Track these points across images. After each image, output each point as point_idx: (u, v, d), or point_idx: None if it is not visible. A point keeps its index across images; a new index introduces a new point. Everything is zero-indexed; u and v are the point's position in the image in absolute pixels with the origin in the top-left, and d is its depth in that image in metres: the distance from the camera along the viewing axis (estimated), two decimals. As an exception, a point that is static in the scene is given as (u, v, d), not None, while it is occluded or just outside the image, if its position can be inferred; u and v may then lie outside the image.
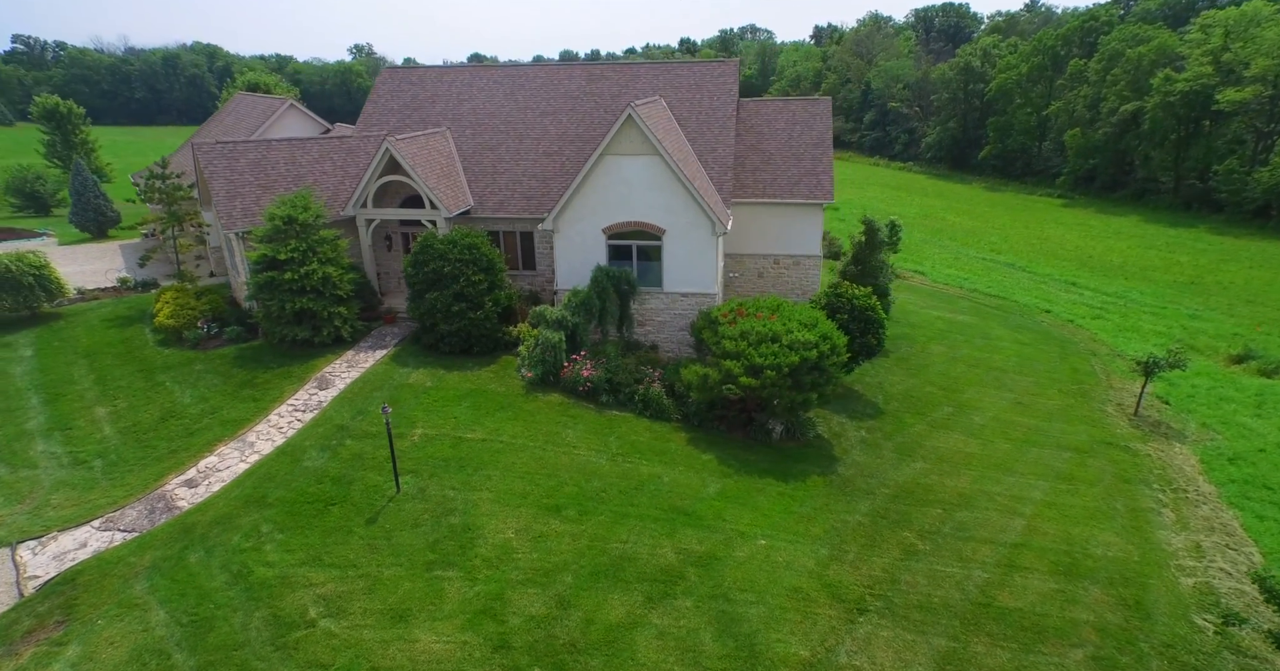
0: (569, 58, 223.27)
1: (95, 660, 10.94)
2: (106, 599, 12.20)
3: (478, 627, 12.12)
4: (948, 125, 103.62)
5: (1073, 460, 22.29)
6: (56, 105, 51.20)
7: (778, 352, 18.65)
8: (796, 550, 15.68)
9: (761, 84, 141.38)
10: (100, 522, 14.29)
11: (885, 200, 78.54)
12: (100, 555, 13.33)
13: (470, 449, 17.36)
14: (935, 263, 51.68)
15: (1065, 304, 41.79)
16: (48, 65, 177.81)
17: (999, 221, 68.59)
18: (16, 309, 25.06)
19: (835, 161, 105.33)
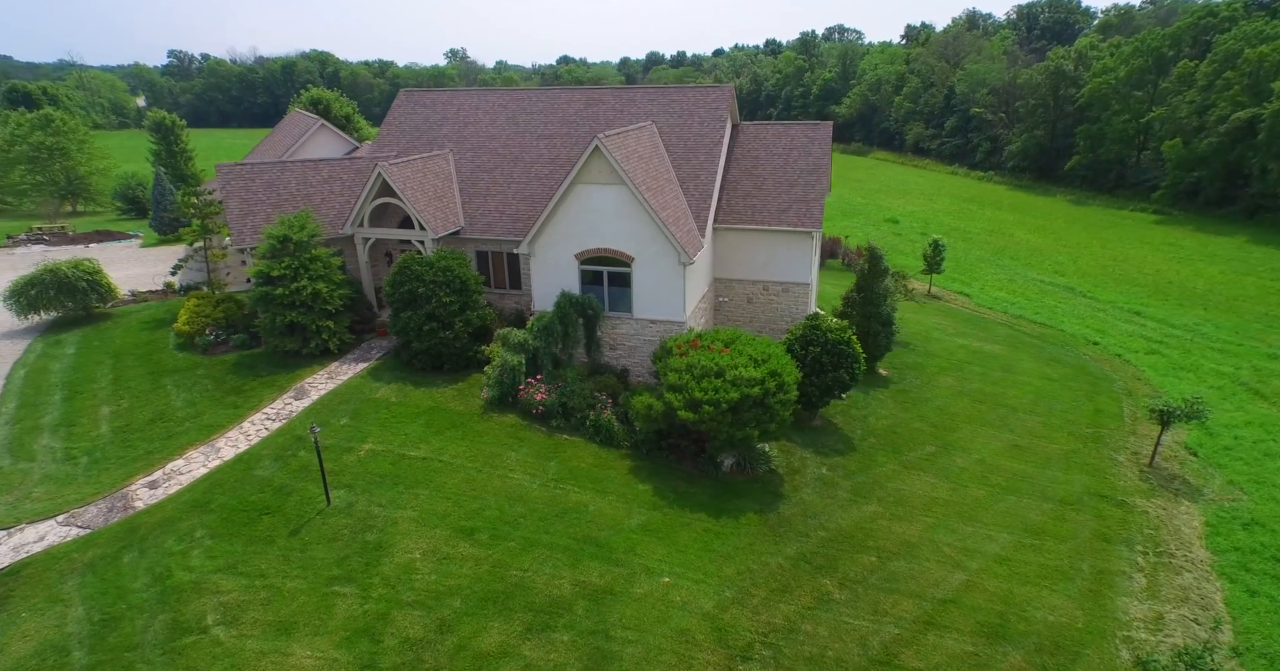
0: (655, 60, 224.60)
1: (4, 653, 12.45)
2: (39, 592, 13.84)
3: (352, 646, 12.98)
4: (1034, 133, 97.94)
5: (1052, 512, 21.15)
6: (163, 118, 56.47)
7: (719, 388, 18.67)
8: (699, 590, 15.76)
9: (841, 88, 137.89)
10: (64, 517, 16.12)
11: (952, 213, 75.34)
12: (50, 550, 15.07)
13: (409, 467, 18.34)
14: (986, 284, 49.37)
15: (1120, 335, 39.11)
16: (192, 75, 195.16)
17: (1074, 239, 64.51)
18: (73, 310, 28.13)
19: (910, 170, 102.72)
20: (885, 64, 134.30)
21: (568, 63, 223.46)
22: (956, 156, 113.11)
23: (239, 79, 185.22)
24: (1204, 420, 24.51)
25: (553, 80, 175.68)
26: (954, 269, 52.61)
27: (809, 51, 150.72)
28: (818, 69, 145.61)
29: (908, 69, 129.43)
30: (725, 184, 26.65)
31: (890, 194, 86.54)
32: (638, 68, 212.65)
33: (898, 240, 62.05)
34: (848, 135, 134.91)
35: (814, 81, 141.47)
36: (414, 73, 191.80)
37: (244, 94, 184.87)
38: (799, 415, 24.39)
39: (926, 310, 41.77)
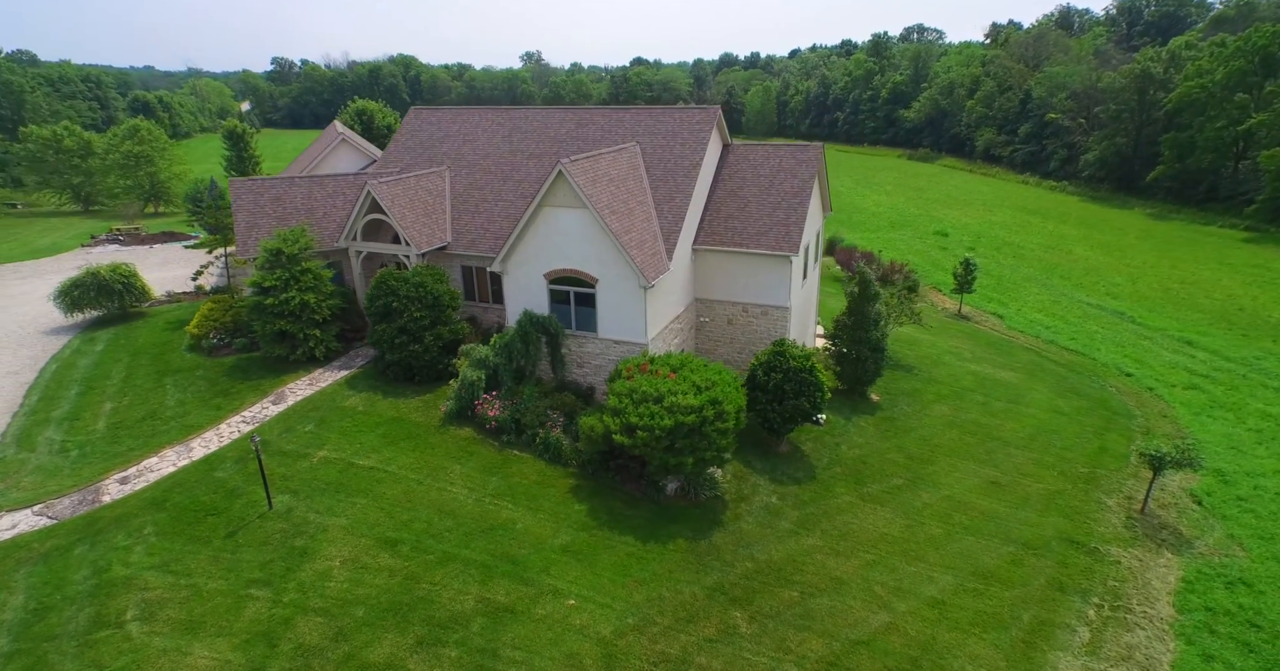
0: (729, 62, 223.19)
1: (-59, 637, 14.06)
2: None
3: (249, 649, 14.01)
4: (1114, 140, 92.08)
5: (1009, 556, 20.36)
6: (235, 126, 60.75)
7: (656, 414, 18.90)
8: (602, 614, 16.10)
9: (911, 91, 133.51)
10: (39, 508, 17.95)
11: (1010, 226, 72.04)
12: (16, 538, 16.85)
13: (355, 475, 19.41)
14: (1025, 304, 47.20)
15: (1160, 366, 36.79)
16: (290, 80, 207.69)
17: (1140, 258, 60.62)
18: (112, 309, 30.88)
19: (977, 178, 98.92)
20: (960, 66, 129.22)
21: (640, 64, 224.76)
22: (1029, 164, 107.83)
23: (330, 83, 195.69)
24: (1197, 469, 22.95)
25: (622, 83, 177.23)
26: (994, 287, 50.56)
27: (880, 53, 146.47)
28: (888, 72, 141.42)
29: (983, 71, 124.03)
30: (710, 205, 26.71)
31: (948, 204, 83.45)
32: (709, 69, 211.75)
33: (942, 255, 59.93)
34: (915, 141, 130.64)
35: (883, 85, 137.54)
36: (490, 75, 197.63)
37: (334, 97, 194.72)
38: (765, 440, 24.30)
39: (948, 331, 40.35)
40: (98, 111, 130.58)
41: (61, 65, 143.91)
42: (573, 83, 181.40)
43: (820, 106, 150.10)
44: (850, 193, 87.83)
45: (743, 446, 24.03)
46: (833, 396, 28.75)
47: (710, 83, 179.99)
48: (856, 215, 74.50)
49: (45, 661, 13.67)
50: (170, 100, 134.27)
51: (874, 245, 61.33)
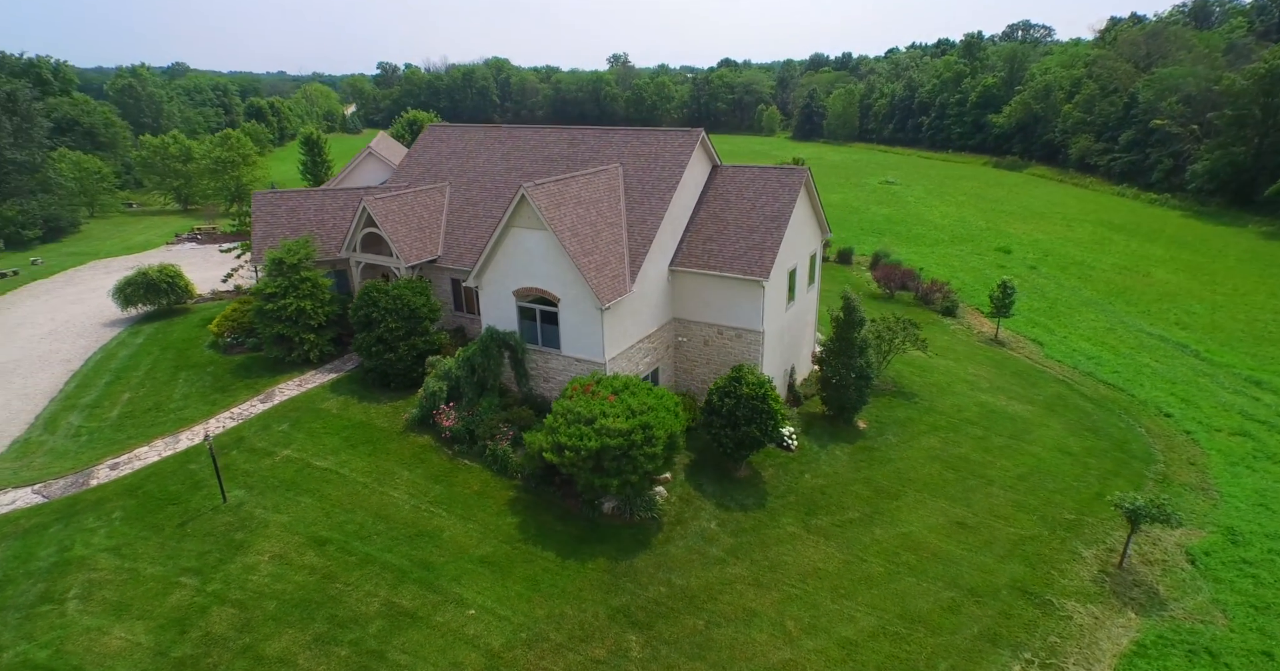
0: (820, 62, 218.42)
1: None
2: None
3: (160, 633, 15.60)
4: (1230, 149, 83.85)
5: (948, 602, 19.68)
6: (311, 133, 65.60)
7: (584, 435, 19.46)
8: (499, 627, 16.83)
9: (1004, 94, 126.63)
10: (39, 487, 20.43)
11: (1086, 243, 67.53)
12: (8, 513, 19.28)
13: (309, 475, 20.98)
14: (1073, 331, 44.41)
15: (1210, 408, 34.02)
16: (392, 84, 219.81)
17: (1233, 283, 55.54)
18: (161, 305, 34.29)
19: (1066, 189, 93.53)
20: (1060, 67, 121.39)
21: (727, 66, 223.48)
22: (1128, 175, 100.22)
23: (427, 86, 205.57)
24: (1173, 525, 21.27)
25: (704, 85, 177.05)
26: (1045, 311, 47.77)
27: (972, 54, 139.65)
28: (980, 74, 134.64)
29: (1086, 73, 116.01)
30: (691, 226, 26.91)
31: (1023, 218, 78.98)
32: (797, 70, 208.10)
33: (997, 274, 56.79)
34: (1003, 147, 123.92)
35: (973, 88, 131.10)
36: (575, 78, 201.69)
37: (430, 99, 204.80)
38: (725, 464, 24.32)
39: (974, 357, 38.60)
40: (222, 116, 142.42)
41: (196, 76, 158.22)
42: (654, 85, 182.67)
43: (905, 110, 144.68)
44: (917, 203, 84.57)
45: (701, 468, 24.25)
46: (818, 422, 28.46)
47: (793, 84, 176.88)
48: (917, 228, 71.75)
49: None
50: (281, 105, 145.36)
51: (927, 261, 59.12)
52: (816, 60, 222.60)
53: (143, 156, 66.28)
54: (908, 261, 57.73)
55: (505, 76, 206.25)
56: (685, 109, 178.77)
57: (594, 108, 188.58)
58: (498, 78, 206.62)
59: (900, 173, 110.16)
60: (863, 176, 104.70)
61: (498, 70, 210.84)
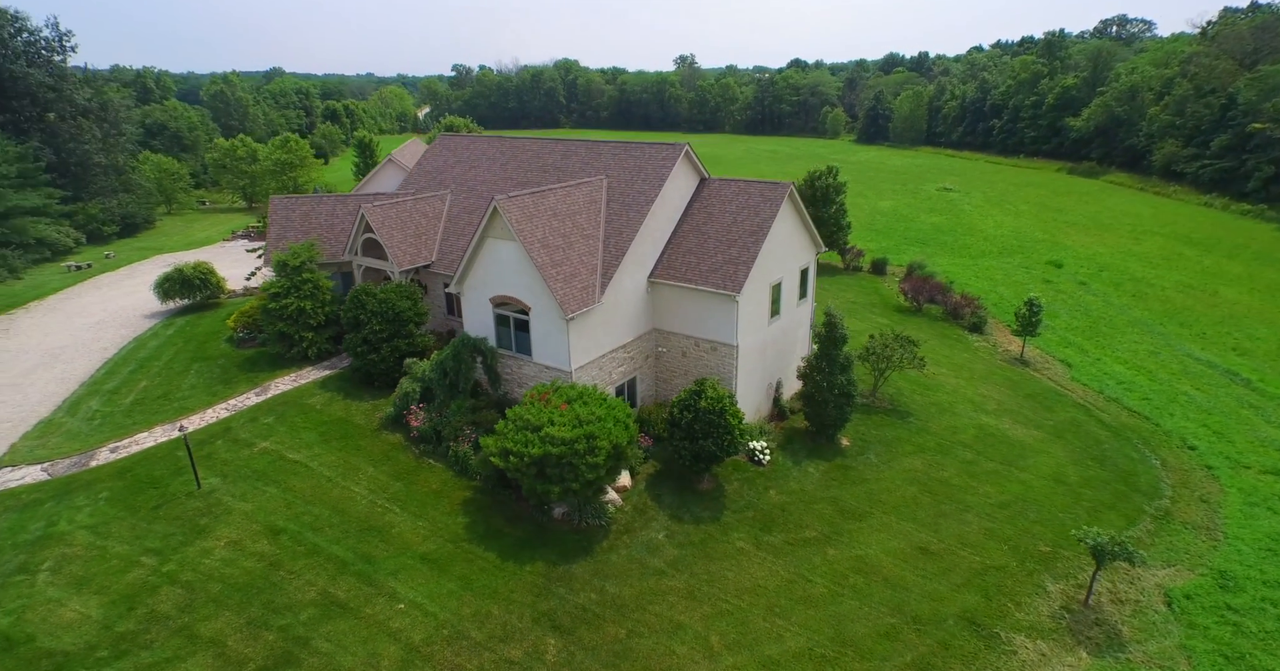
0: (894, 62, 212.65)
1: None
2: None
3: (111, 608, 17.08)
4: (1341, 156, 77.14)
5: (887, 628, 19.40)
6: (364, 137, 68.91)
7: (529, 442, 20.11)
8: (423, 622, 17.67)
9: (1085, 96, 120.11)
10: (47, 465, 22.58)
11: (1150, 258, 63.73)
12: (15, 488, 21.39)
13: (280, 467, 22.40)
14: (1109, 353, 42.22)
15: (1244, 443, 32.00)
16: (464, 86, 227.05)
17: (1310, 306, 51.39)
18: (196, 300, 36.99)
19: (1146, 198, 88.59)
20: (1151, 66, 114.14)
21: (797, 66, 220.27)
22: (1219, 183, 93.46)
23: (497, 87, 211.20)
24: (1135, 563, 20.21)
25: (769, 87, 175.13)
26: (1084, 329, 45.51)
27: (1053, 53, 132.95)
28: (1059, 74, 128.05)
29: (1180, 72, 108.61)
30: (674, 238, 27.18)
31: (1087, 229, 75.05)
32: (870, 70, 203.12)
33: (1042, 288, 54.38)
34: (1080, 152, 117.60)
35: (1051, 89, 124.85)
36: (640, 79, 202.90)
37: (500, 100, 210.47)
38: (689, 476, 24.50)
39: (990, 378, 37.24)
40: (303, 118, 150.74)
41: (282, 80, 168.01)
42: (719, 87, 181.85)
43: (976, 113, 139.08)
44: (973, 212, 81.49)
45: (665, 479, 24.51)
46: (800, 437, 28.21)
47: (861, 85, 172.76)
48: (966, 238, 69.24)
49: None
50: (355, 107, 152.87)
51: (968, 273, 57.16)
52: (891, 61, 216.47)
53: (215, 158, 71.19)
54: (947, 273, 55.94)
55: (573, 78, 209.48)
56: (749, 111, 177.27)
57: (657, 109, 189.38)
58: (565, 79, 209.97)
59: (962, 179, 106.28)
60: (920, 182, 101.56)
61: (565, 72, 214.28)
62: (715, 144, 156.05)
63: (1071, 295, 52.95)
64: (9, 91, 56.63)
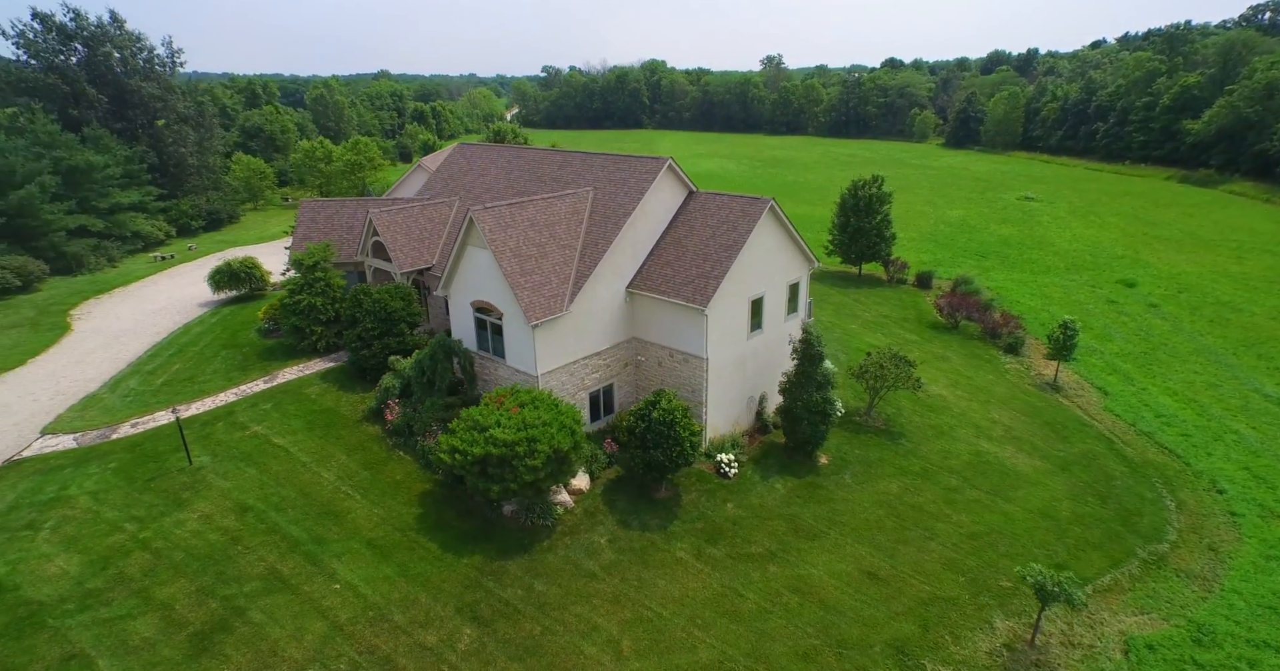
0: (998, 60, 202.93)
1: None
2: (9, 477, 23.02)
3: (87, 566, 19.44)
4: None
5: (807, 649, 19.52)
6: (428, 140, 73.01)
7: (474, 441, 21.35)
8: (353, 602, 19.20)
9: (1208, 96, 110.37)
10: (78, 435, 25.71)
11: (1249, 280, 58.66)
12: (47, 453, 24.51)
13: (264, 450, 24.63)
14: (1156, 383, 39.58)
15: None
16: (553, 87, 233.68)
17: None
18: (242, 291, 40.64)
19: (1271, 210, 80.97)
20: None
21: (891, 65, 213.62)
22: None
23: (583, 88, 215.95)
24: (1074, 606, 19.28)
25: (854, 88, 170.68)
26: (1137, 355, 42.65)
27: (1174, 48, 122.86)
28: (1179, 72, 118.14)
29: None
30: (656, 250, 27.79)
31: (1179, 245, 69.59)
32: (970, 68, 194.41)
33: (1104, 309, 51.21)
34: (1198, 159, 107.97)
35: (1168, 88, 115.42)
36: (723, 80, 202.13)
37: (585, 100, 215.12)
38: (646, 485, 25.08)
39: (1010, 402, 35.69)
40: (395, 119, 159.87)
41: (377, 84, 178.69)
42: (803, 88, 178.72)
43: (1078, 115, 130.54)
44: (1051, 224, 77.08)
45: (625, 485, 25.21)
46: (777, 452, 28.21)
47: (955, 86, 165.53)
48: (1034, 252, 65.71)
49: None
50: (442, 109, 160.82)
51: (1024, 290, 54.46)
52: (995, 58, 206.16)
53: (297, 159, 77.10)
54: (998, 290, 53.53)
55: (657, 79, 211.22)
56: (833, 112, 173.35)
57: (740, 111, 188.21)
58: (649, 80, 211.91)
59: (1049, 187, 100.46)
60: (1001, 191, 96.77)
61: (651, 72, 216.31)
62: (794, 146, 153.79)
63: (1136, 318, 49.55)
64: (127, 102, 63.61)
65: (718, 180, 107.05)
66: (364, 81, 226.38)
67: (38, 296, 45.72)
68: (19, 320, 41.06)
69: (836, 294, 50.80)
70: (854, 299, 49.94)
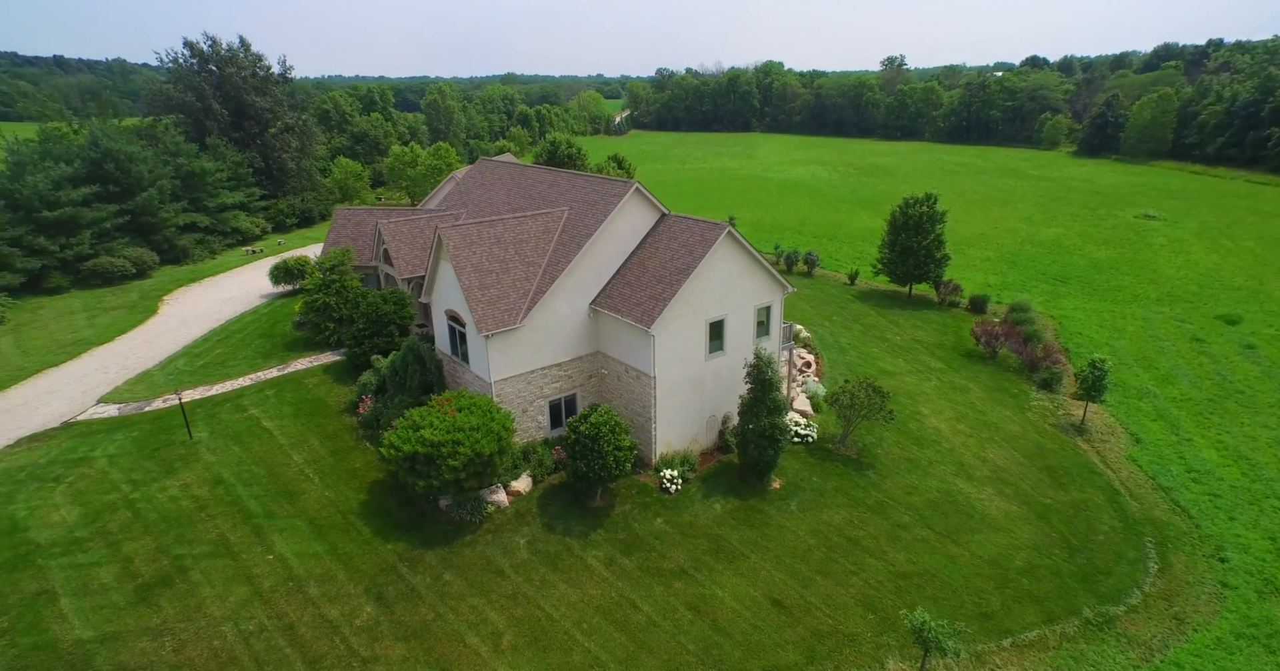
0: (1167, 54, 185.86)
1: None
2: (55, 438, 28.04)
3: (80, 517, 23.55)
4: None
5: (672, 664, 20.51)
6: (505, 146, 77.73)
7: (407, 439, 23.95)
8: (279, 573, 22.21)
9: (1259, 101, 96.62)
10: (121, 406, 30.65)
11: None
12: (93, 420, 29.52)
13: (253, 431, 28.41)
14: (1207, 436, 36.59)
15: None
16: (665, 89, 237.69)
17: None
18: (296, 285, 45.93)
19: None
20: None
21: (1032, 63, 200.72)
22: None
23: (693, 90, 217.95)
24: (944, 655, 19.04)
25: (978, 91, 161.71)
26: (1204, 402, 39.16)
27: None
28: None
29: None
30: (622, 269, 29.33)
31: (1312, 276, 61.96)
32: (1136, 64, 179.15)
33: (1185, 349, 46.90)
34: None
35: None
36: (837, 82, 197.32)
37: (695, 103, 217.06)
38: (579, 494, 26.71)
39: (1014, 442, 34.04)
40: (504, 121, 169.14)
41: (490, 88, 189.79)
42: (921, 91, 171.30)
43: (1248, 118, 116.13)
44: (1165, 247, 70.75)
45: (565, 491, 26.93)
46: (730, 473, 28.95)
47: (1098, 87, 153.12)
48: (1127, 278, 60.90)
49: (7, 489, 25.58)
50: (547, 112, 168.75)
51: (1094, 321, 50.98)
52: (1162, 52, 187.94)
53: (389, 162, 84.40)
54: (1066, 319, 50.49)
55: (769, 81, 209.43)
56: (952, 117, 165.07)
57: (852, 114, 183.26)
58: (761, 83, 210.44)
59: (1184, 204, 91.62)
60: (1119, 207, 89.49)
61: (764, 75, 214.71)
62: (901, 153, 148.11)
63: (1220, 360, 45.25)
64: (245, 114, 72.81)
65: (802, 189, 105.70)
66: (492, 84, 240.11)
67: (146, 283, 53.53)
68: (124, 302, 48.45)
69: (874, 315, 49.81)
70: (890, 321, 48.79)
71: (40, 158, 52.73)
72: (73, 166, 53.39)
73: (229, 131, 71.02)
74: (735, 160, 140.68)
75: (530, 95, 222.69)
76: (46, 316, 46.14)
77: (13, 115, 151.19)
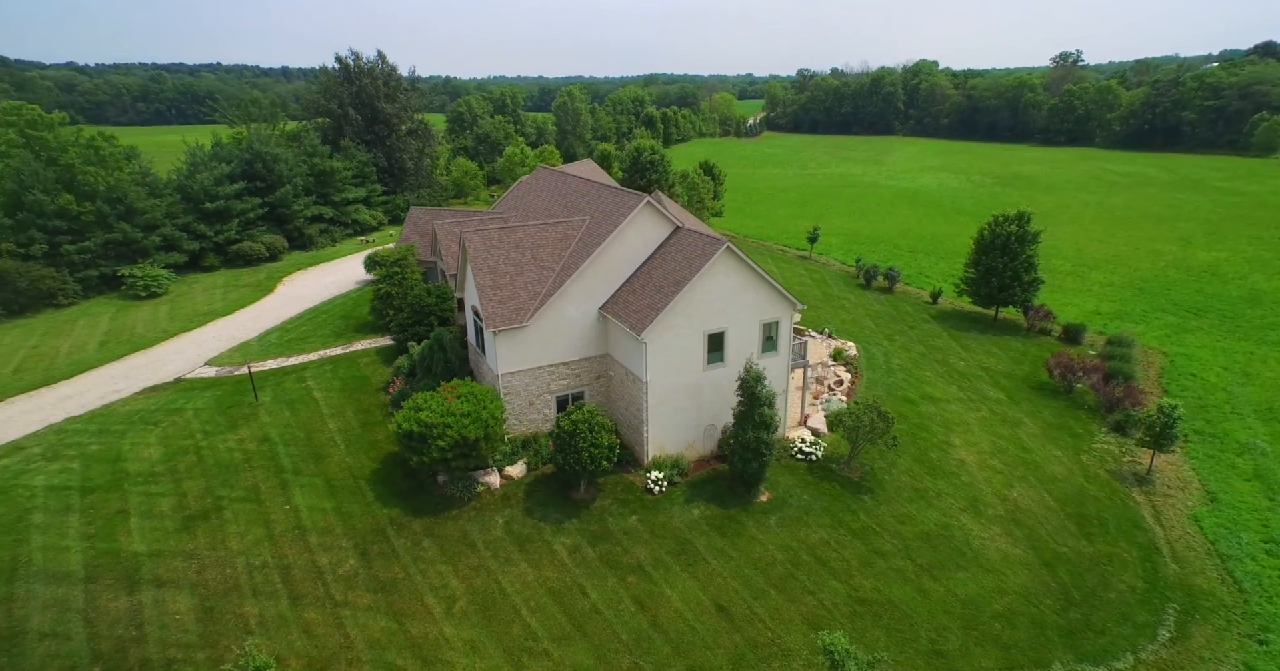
0: None
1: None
2: (162, 392, 34.30)
3: (162, 456, 29.06)
4: None
5: (599, 652, 22.38)
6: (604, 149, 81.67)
7: (407, 418, 27.47)
8: (289, 521, 26.29)
9: None
10: (219, 368, 36.81)
11: None
12: (196, 378, 35.74)
13: (305, 399, 33.20)
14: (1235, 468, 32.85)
15: None
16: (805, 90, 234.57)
17: None
18: (384, 274, 51.83)
19: None
20: None
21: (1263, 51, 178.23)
22: None
23: (833, 92, 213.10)
24: None
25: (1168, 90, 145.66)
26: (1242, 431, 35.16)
27: None
28: None
29: None
30: (633, 278, 31.33)
31: None
32: None
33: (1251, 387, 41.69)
34: None
35: None
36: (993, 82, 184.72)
37: (834, 104, 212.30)
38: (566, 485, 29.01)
39: (1049, 485, 32.37)
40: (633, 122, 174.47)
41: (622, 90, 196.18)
42: (1095, 91, 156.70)
43: None
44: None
45: (555, 481, 29.37)
46: (720, 481, 30.12)
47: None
48: (1233, 306, 54.46)
49: (123, 427, 31.69)
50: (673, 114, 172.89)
51: (1229, 360, 46.09)
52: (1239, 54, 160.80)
53: (501, 162, 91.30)
54: (1185, 357, 46.08)
55: (915, 82, 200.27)
56: (1133, 119, 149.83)
57: (1008, 117, 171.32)
58: (907, 84, 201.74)
59: None
60: (1315, 232, 78.75)
61: (912, 75, 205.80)
62: (1054, 161, 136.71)
63: None
64: (376, 120, 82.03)
65: (921, 199, 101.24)
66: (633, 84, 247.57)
67: (274, 265, 62.08)
68: (252, 282, 56.71)
69: (944, 336, 48.15)
70: (962, 344, 46.99)
71: (210, 159, 62.89)
72: (230, 166, 63.09)
73: (361, 134, 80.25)
74: (860, 166, 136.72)
75: (668, 96, 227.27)
76: (196, 290, 55.05)
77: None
